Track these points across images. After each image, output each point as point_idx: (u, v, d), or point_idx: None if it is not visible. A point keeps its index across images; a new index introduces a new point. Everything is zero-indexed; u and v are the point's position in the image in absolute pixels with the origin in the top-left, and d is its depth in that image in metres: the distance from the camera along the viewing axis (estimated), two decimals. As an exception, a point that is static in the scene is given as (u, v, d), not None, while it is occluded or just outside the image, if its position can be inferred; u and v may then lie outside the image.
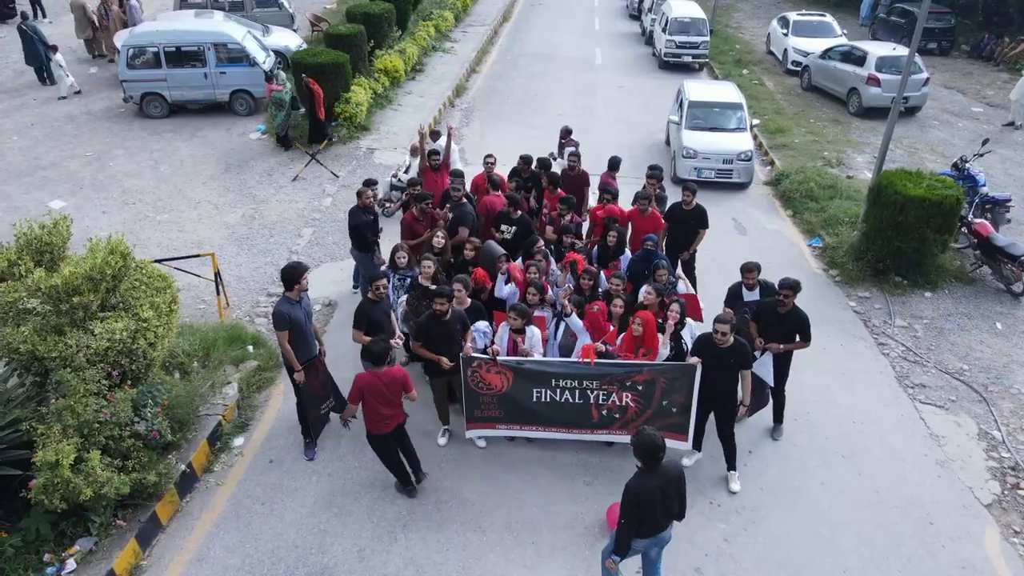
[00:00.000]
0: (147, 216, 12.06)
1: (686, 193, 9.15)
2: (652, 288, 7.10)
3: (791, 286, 6.81)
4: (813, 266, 11.20)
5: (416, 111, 17.00)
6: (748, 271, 7.40)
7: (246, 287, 10.23)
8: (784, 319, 6.87)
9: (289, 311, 6.56)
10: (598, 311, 6.86)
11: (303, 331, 6.66)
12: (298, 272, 6.57)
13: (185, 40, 15.30)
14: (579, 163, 10.53)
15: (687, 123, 14.08)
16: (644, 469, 4.88)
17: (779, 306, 6.85)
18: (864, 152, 15.46)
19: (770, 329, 6.94)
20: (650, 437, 4.78)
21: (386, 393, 6.02)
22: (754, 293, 7.37)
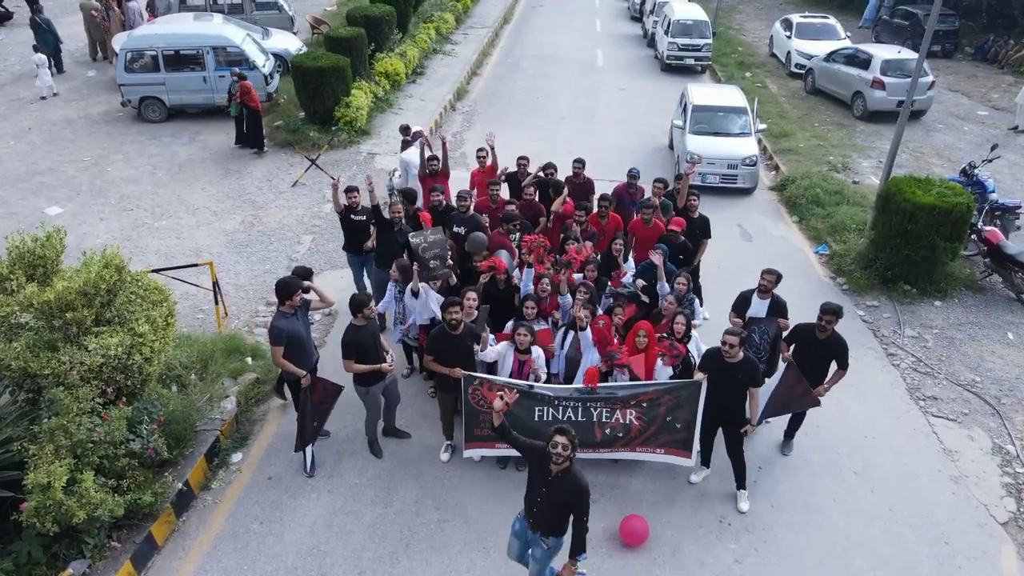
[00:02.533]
0: (145, 223, 11.90)
1: (691, 197, 8.97)
2: (674, 297, 6.94)
3: (834, 311, 6.55)
4: (820, 274, 11.04)
5: (417, 114, 16.82)
6: (768, 273, 7.18)
7: (245, 296, 10.07)
8: (823, 345, 6.64)
9: (286, 325, 6.42)
10: (603, 325, 6.69)
11: (302, 344, 6.52)
12: (291, 289, 6.42)
13: (184, 43, 15.15)
14: (583, 169, 10.36)
15: (691, 127, 13.92)
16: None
17: (819, 331, 6.61)
18: (869, 157, 15.30)
19: (807, 354, 6.71)
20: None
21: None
22: (764, 302, 7.18)
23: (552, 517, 4.93)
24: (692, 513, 6.69)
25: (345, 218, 8.65)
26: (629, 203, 9.95)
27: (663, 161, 15.16)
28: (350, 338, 6.48)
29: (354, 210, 8.57)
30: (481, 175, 10.29)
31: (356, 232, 8.67)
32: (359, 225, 8.61)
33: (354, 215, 8.57)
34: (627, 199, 9.99)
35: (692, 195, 8.95)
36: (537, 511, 4.95)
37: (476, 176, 10.33)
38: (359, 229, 8.62)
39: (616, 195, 10.04)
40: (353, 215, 8.57)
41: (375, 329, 6.69)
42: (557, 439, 4.64)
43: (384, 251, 8.60)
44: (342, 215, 8.61)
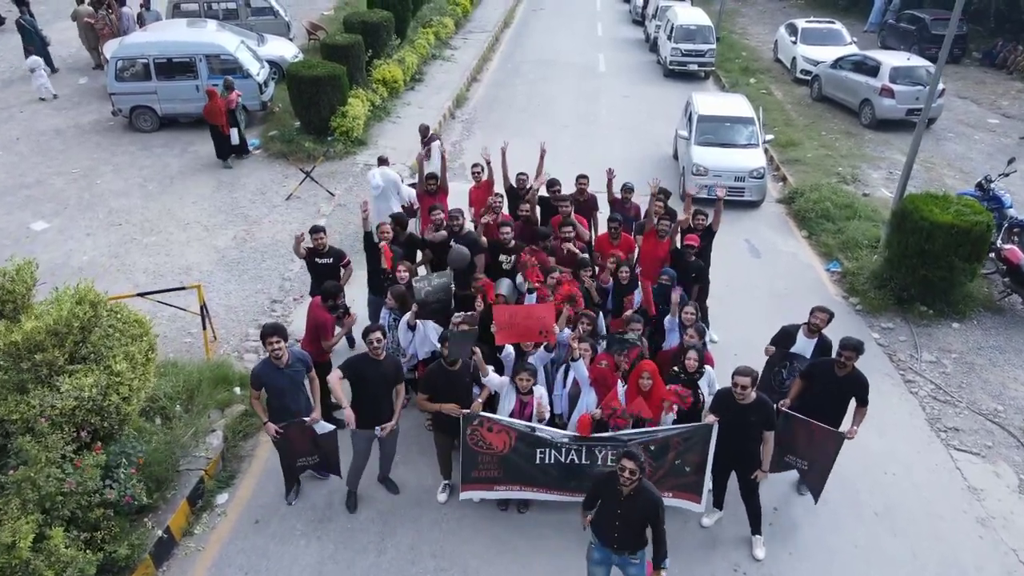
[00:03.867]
0: (134, 239, 11.51)
1: (699, 217, 8.59)
2: (695, 330, 6.54)
3: (854, 348, 6.12)
4: (832, 292, 10.65)
5: (415, 123, 16.26)
6: (820, 311, 6.69)
7: (235, 318, 9.68)
8: (843, 382, 6.23)
9: (263, 374, 6.11)
10: (605, 367, 6.27)
11: (280, 395, 6.15)
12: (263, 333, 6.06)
13: (176, 51, 14.76)
14: (587, 184, 9.94)
15: (696, 138, 13.54)
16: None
17: (839, 368, 6.19)
18: (879, 168, 14.91)
19: (824, 391, 6.30)
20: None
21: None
22: (811, 341, 6.73)
23: (635, 534, 5.12)
24: (704, 560, 6.31)
25: (310, 263, 8.02)
26: (626, 220, 9.57)
27: (668, 172, 14.75)
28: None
29: (320, 253, 7.90)
30: (479, 191, 9.91)
31: (323, 276, 7.85)
32: (325, 269, 7.96)
33: (319, 258, 7.92)
34: (622, 215, 9.61)
35: (699, 214, 8.53)
36: (619, 534, 5.11)
37: (473, 193, 9.96)
38: (326, 273, 7.94)
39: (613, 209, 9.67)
40: (319, 258, 7.92)
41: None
42: (625, 463, 4.77)
43: (375, 277, 8.23)
44: (307, 259, 8.02)
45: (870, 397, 6.30)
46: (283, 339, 6.11)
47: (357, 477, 6.58)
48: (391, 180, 10.43)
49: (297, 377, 6.27)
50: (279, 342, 6.04)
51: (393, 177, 10.43)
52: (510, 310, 6.48)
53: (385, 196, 10.47)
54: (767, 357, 6.91)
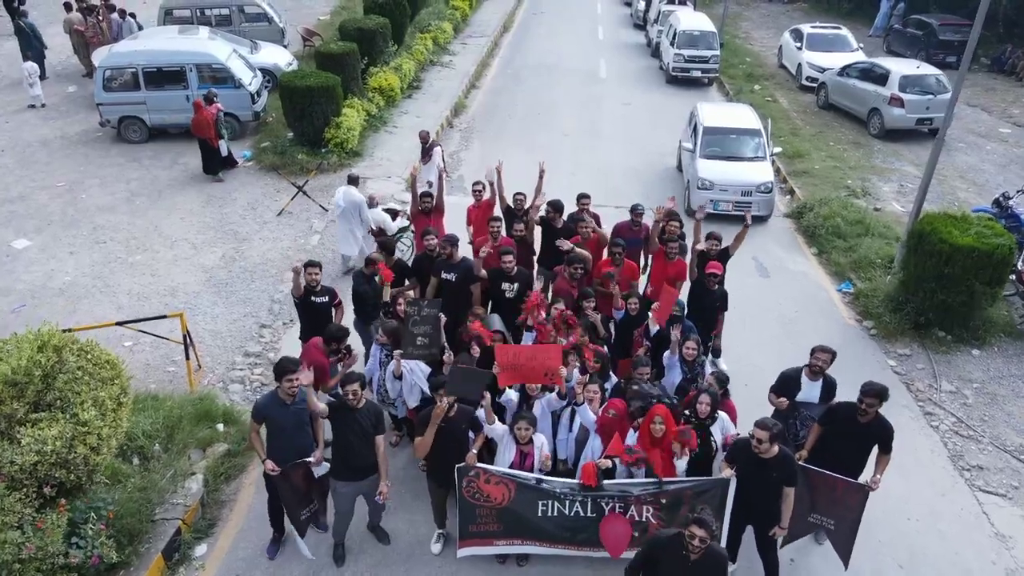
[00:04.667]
0: (118, 258, 11.08)
1: (712, 242, 8.16)
2: (715, 376, 6.09)
3: (877, 394, 5.65)
4: (845, 316, 10.23)
5: (412, 133, 15.91)
6: (822, 351, 6.23)
7: (222, 344, 9.25)
8: (866, 430, 5.77)
9: (268, 409, 5.69)
10: (614, 416, 5.83)
11: (281, 432, 5.73)
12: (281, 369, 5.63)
13: (165, 60, 14.32)
14: (589, 203, 9.45)
15: (702, 151, 13.11)
16: None
17: (860, 414, 5.73)
18: (890, 180, 14.49)
19: (845, 439, 5.86)
20: None
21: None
22: (816, 384, 6.29)
23: None
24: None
25: (304, 302, 7.29)
26: (633, 241, 9.14)
27: (672, 184, 14.34)
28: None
29: (314, 290, 7.23)
30: (478, 211, 9.49)
31: (317, 316, 7.26)
32: (321, 308, 7.32)
33: (315, 296, 7.25)
34: (630, 237, 9.17)
35: (712, 238, 8.12)
36: None
37: (473, 213, 9.53)
38: (321, 313, 7.35)
39: (617, 233, 9.23)
40: (314, 296, 7.25)
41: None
42: (695, 531, 4.45)
43: (363, 305, 7.81)
44: (301, 298, 7.31)
45: (889, 434, 5.87)
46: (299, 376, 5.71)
47: (344, 528, 6.15)
48: (352, 201, 10.01)
49: (302, 416, 5.87)
50: (297, 380, 5.63)
51: (356, 199, 10.01)
52: (514, 350, 6.05)
53: (346, 217, 10.07)
54: (772, 406, 6.43)
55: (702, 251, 8.03)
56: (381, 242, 8.09)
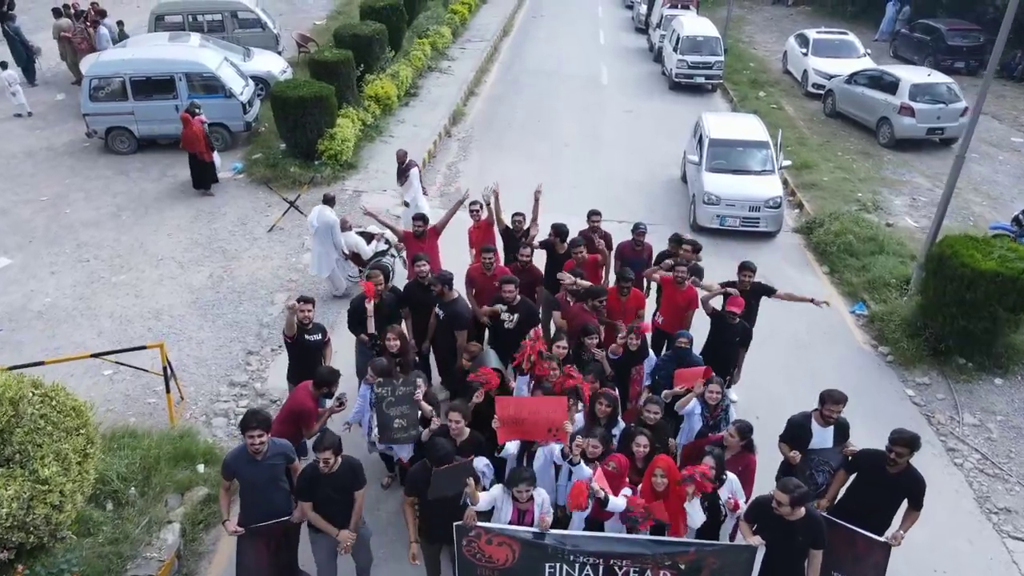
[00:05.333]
0: (101, 277, 10.64)
1: (745, 274, 7.64)
2: (736, 428, 5.62)
3: (907, 443, 5.20)
4: (859, 340, 9.79)
5: (409, 143, 15.46)
6: (834, 402, 5.73)
7: (206, 372, 8.81)
8: (895, 481, 5.33)
9: (236, 465, 5.26)
10: (614, 469, 5.35)
11: (256, 495, 5.29)
12: (243, 423, 5.18)
13: (154, 69, 13.88)
14: (600, 220, 8.96)
15: (708, 164, 12.66)
16: None
17: (889, 464, 5.30)
18: (901, 193, 14.04)
19: (871, 489, 5.44)
20: None
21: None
22: (827, 431, 5.85)
23: None
24: None
25: (297, 341, 6.78)
26: (635, 262, 8.71)
27: (677, 197, 13.91)
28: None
29: (307, 328, 6.79)
30: (478, 232, 9.05)
31: (309, 356, 6.83)
32: (313, 347, 6.89)
33: (308, 335, 6.81)
34: (632, 258, 8.75)
35: (746, 269, 7.62)
36: None
37: (474, 235, 9.08)
38: (312, 353, 6.90)
39: (619, 254, 8.80)
40: (307, 335, 6.81)
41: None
42: None
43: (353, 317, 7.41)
44: (294, 339, 6.78)
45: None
46: (266, 431, 5.24)
47: None
48: (326, 222, 9.57)
49: (276, 472, 5.41)
50: (261, 436, 5.18)
51: (329, 219, 9.57)
52: (515, 402, 5.58)
53: (320, 238, 9.65)
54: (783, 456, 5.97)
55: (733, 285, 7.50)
56: (376, 265, 7.64)
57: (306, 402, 5.99)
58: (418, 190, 11.11)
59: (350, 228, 9.94)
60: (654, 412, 5.76)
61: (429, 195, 13.76)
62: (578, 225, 9.05)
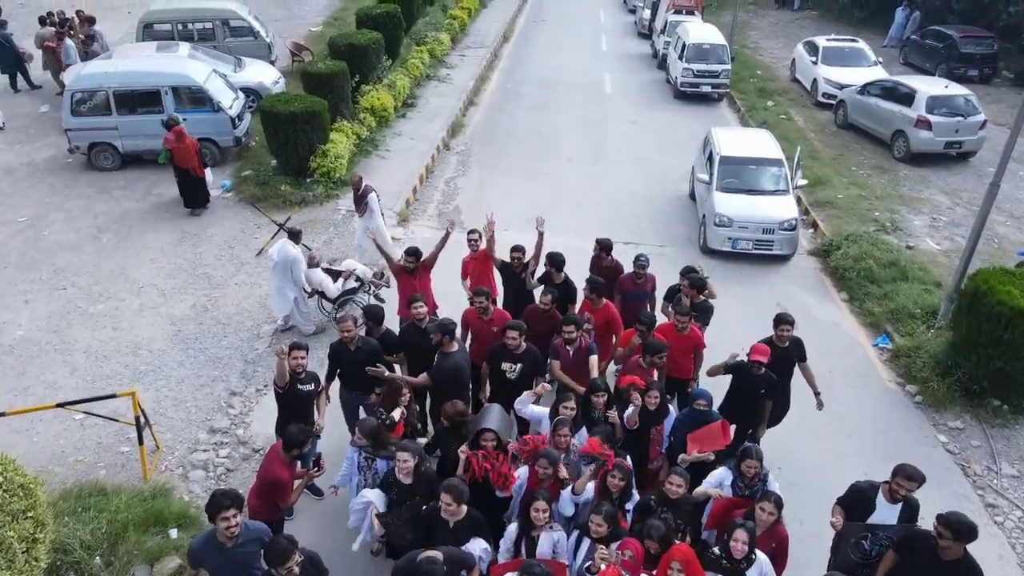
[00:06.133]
0: (78, 307, 10.03)
1: (783, 327, 6.90)
2: (773, 502, 4.97)
3: (960, 531, 4.60)
4: (884, 378, 9.18)
5: (405, 158, 14.98)
6: (907, 477, 5.07)
7: (185, 416, 8.20)
8: (951, 570, 4.73)
9: (203, 553, 4.67)
10: (631, 559, 4.73)
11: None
12: (213, 508, 4.57)
13: (138, 82, 13.27)
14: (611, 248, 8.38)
15: (719, 183, 12.04)
16: None
17: (941, 551, 4.70)
18: (921, 212, 13.42)
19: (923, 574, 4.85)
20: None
21: None
22: (894, 509, 5.21)
23: None
24: None
25: (289, 392, 6.25)
26: (636, 296, 8.15)
27: (685, 215, 13.30)
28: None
29: (299, 378, 6.28)
30: (475, 263, 8.43)
31: (302, 407, 6.35)
32: (306, 398, 6.37)
33: (301, 384, 6.30)
34: (633, 291, 8.16)
35: (784, 322, 6.88)
36: None
37: (469, 266, 8.48)
38: (306, 402, 6.39)
39: (620, 288, 8.20)
40: (300, 384, 6.29)
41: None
42: None
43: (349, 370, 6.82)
44: (286, 389, 6.24)
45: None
46: (239, 510, 4.65)
47: None
48: (286, 257, 8.96)
49: (249, 559, 4.80)
50: (236, 516, 4.59)
51: (289, 255, 8.95)
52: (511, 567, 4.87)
53: (278, 273, 9.07)
54: (835, 528, 5.36)
55: (771, 342, 6.84)
56: (369, 309, 7.01)
57: (279, 471, 5.38)
58: (379, 217, 10.47)
59: (317, 265, 9.27)
60: (677, 485, 5.14)
61: (428, 213, 13.23)
62: (582, 249, 8.45)
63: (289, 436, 5.43)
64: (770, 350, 6.56)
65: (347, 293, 9.37)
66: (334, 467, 6.43)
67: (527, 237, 12.13)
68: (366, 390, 6.82)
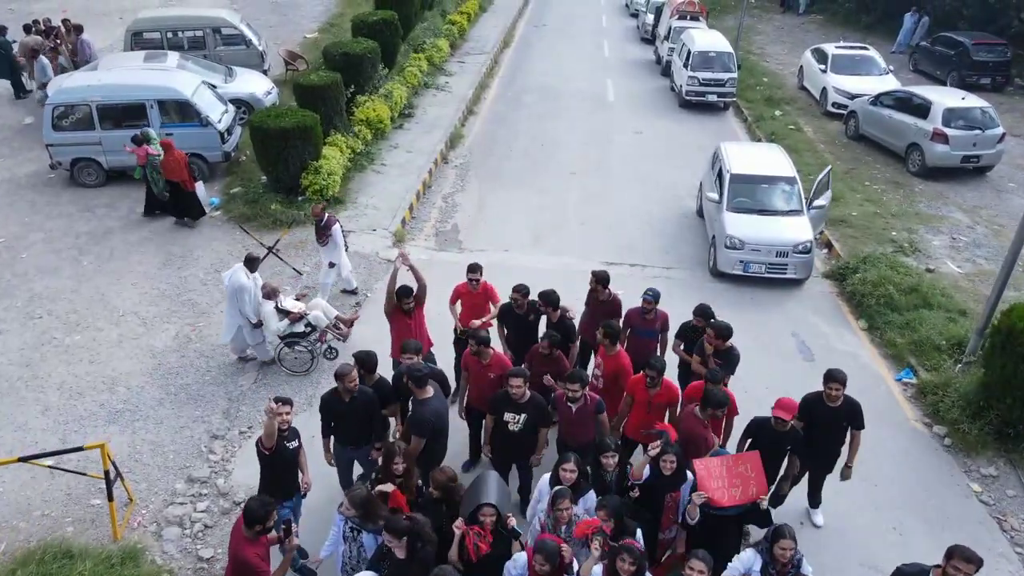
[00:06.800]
0: (53, 338, 9.48)
1: (833, 385, 6.25)
2: None
3: None
4: (910, 416, 8.62)
5: (402, 172, 14.43)
6: (965, 560, 4.46)
7: (162, 462, 7.64)
8: None
9: None
10: None
11: None
12: None
13: (123, 96, 12.71)
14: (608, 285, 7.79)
15: (729, 203, 11.48)
16: None
17: None
18: (940, 232, 12.85)
19: None
20: None
21: None
22: None
23: None
24: None
25: (276, 450, 5.68)
26: (645, 333, 7.57)
27: (693, 235, 12.74)
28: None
29: (284, 435, 5.75)
30: (470, 298, 7.81)
31: (287, 467, 5.89)
32: (291, 457, 5.85)
33: (287, 442, 5.76)
34: (641, 327, 7.58)
35: (835, 381, 6.24)
36: None
37: (462, 293, 7.83)
38: (290, 463, 5.87)
39: (628, 322, 7.63)
40: (286, 442, 5.75)
41: None
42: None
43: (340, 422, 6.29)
44: (272, 450, 5.66)
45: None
46: None
47: None
48: (234, 284, 8.38)
49: None
50: None
51: (237, 283, 8.35)
52: None
53: (229, 301, 8.55)
54: None
55: (819, 400, 6.30)
56: (358, 357, 6.45)
57: (245, 553, 4.81)
58: (343, 251, 9.89)
59: (273, 297, 8.60)
60: (699, 572, 4.58)
61: (425, 233, 12.66)
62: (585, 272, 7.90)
63: (249, 512, 4.86)
64: (798, 406, 6.02)
65: (292, 336, 8.71)
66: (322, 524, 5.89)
67: (528, 259, 11.81)
68: (362, 443, 6.30)
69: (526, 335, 7.39)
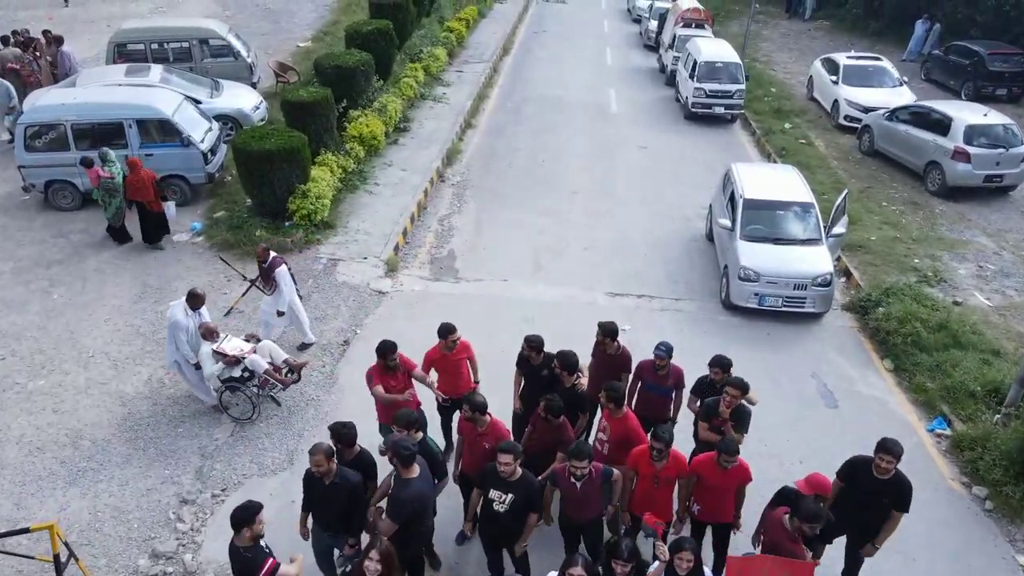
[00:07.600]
0: (16, 383, 8.77)
1: (885, 457, 5.59)
2: None
3: None
4: (946, 474, 7.90)
5: (396, 193, 13.71)
6: None
7: (124, 532, 6.93)
8: None
9: None
10: None
11: None
12: None
13: (99, 115, 12.03)
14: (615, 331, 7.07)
15: (743, 231, 10.76)
16: None
17: None
18: (965, 259, 12.12)
19: None
20: None
21: None
22: None
23: None
24: None
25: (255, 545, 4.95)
26: (655, 388, 6.88)
27: (703, 261, 12.01)
28: None
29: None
30: (444, 360, 6.98)
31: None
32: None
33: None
34: (652, 383, 6.88)
35: (888, 453, 5.60)
36: None
37: (435, 359, 6.98)
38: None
39: (638, 375, 6.94)
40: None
41: None
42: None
43: (320, 512, 5.60)
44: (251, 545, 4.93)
45: None
46: None
47: None
48: (170, 321, 7.82)
49: None
50: None
51: (173, 318, 7.80)
52: None
53: (168, 338, 7.97)
54: None
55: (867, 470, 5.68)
56: (334, 431, 5.73)
57: None
58: (293, 294, 9.03)
59: (212, 339, 7.84)
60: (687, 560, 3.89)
61: (419, 260, 11.93)
62: (589, 304, 7.15)
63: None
64: (831, 484, 5.33)
65: (232, 380, 7.96)
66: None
67: (529, 290, 11.09)
68: (341, 531, 5.61)
69: (542, 391, 6.63)
